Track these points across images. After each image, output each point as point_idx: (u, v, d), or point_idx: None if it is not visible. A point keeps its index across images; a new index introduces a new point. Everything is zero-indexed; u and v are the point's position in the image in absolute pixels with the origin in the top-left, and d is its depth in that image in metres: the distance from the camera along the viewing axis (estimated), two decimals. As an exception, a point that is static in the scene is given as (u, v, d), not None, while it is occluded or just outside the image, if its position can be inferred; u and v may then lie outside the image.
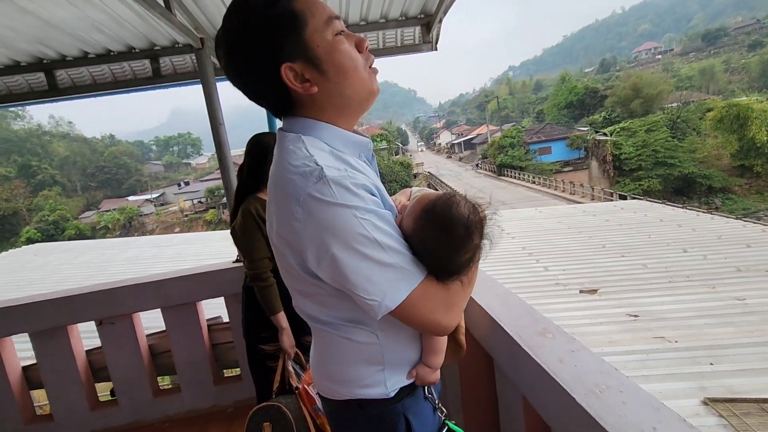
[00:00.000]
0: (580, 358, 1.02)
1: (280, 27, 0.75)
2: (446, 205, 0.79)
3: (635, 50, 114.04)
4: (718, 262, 4.67)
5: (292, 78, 0.77)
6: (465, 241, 0.78)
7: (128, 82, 3.11)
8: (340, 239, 0.71)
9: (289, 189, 0.74)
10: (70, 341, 2.49)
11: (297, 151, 0.77)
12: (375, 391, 0.86)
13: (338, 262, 0.72)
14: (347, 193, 0.72)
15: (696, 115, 34.15)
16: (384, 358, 0.86)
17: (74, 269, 7.57)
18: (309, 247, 0.74)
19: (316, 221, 0.71)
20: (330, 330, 0.86)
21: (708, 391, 2.38)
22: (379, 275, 0.73)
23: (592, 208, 9.27)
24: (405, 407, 0.89)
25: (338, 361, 0.87)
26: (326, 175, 0.71)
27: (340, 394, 0.89)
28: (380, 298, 0.73)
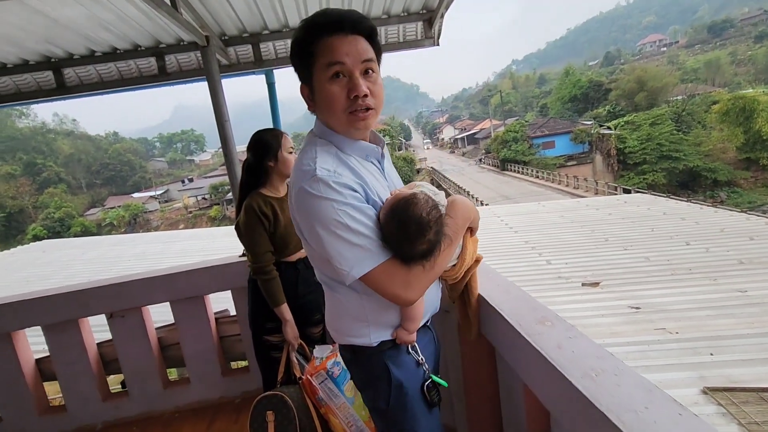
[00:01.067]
0: (577, 344, 1.06)
1: (301, 56, 1.02)
2: (405, 205, 0.99)
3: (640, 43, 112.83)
4: (720, 255, 4.68)
5: (305, 95, 1.06)
6: (417, 236, 0.98)
7: (134, 79, 3.15)
8: (321, 222, 0.96)
9: (294, 180, 1.01)
10: (82, 334, 2.55)
11: (309, 152, 1.02)
12: (362, 341, 1.11)
13: (320, 238, 0.97)
14: (329, 189, 0.95)
15: (701, 107, 33.86)
16: (367, 316, 1.09)
17: (83, 265, 7.67)
18: (303, 225, 1.02)
19: (305, 208, 0.98)
20: (329, 290, 1.13)
21: (707, 381, 2.41)
22: (349, 252, 0.96)
23: (595, 202, 9.26)
24: (387, 357, 1.12)
25: (336, 315, 1.15)
26: (316, 174, 0.96)
27: (340, 340, 1.16)
28: (348, 269, 0.97)
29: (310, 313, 2.10)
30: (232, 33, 2.97)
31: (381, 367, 1.12)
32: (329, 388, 1.76)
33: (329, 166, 0.98)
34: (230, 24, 2.81)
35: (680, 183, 30.21)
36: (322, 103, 1.02)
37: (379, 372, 1.12)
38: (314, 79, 1.01)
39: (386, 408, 1.13)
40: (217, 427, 2.47)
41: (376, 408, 1.17)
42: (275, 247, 1.91)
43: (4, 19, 2.18)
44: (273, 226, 1.88)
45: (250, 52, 3.16)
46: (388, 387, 1.12)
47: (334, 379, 1.77)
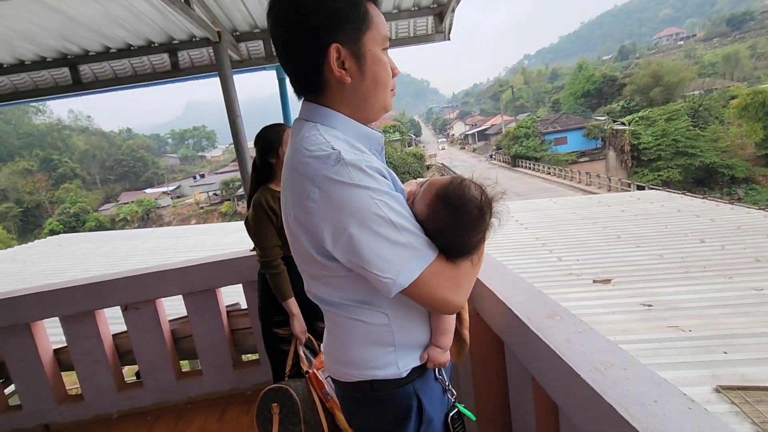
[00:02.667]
0: (587, 338, 1.06)
1: (350, 14, 0.81)
2: (459, 188, 0.83)
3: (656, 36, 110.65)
4: (736, 253, 4.59)
5: (334, 59, 0.81)
6: (478, 221, 0.83)
7: (148, 75, 3.20)
8: (356, 218, 0.74)
9: (304, 171, 0.77)
10: (98, 325, 2.61)
11: (313, 138, 0.81)
12: (387, 372, 0.88)
13: (354, 241, 0.74)
14: (363, 174, 0.75)
15: (719, 102, 33.09)
16: (395, 338, 0.88)
17: (98, 259, 7.83)
18: (325, 227, 0.77)
19: (332, 201, 0.75)
20: (341, 313, 0.89)
21: (721, 379, 2.38)
22: (393, 254, 0.75)
23: (607, 199, 9.14)
24: (416, 388, 0.91)
25: (350, 344, 0.90)
26: (344, 158, 0.75)
27: (351, 376, 0.91)
28: (394, 276, 0.76)
29: (318, 307, 2.12)
30: (243, 29, 2.99)
31: (409, 403, 0.91)
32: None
33: (349, 149, 0.80)
34: (241, 19, 2.84)
35: (696, 180, 29.61)
36: (370, 76, 0.84)
37: (406, 409, 0.91)
38: (364, 47, 0.82)
39: None
40: (229, 418, 2.52)
41: None
42: (283, 242, 1.94)
43: (22, 17, 2.23)
44: (281, 221, 1.90)
45: (261, 48, 3.19)
46: (417, 426, 0.92)
47: (340, 375, 1.78)
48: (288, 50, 0.83)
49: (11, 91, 3.19)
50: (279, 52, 0.86)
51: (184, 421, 2.54)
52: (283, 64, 0.87)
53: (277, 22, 0.82)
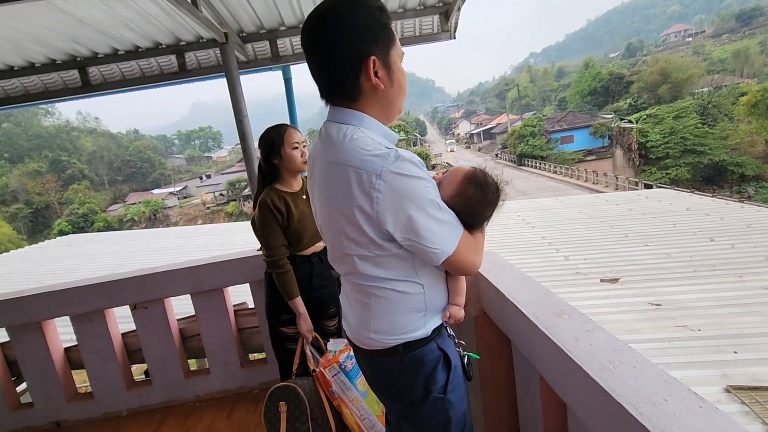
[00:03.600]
0: (595, 336, 1.05)
1: (382, 31, 0.98)
2: (481, 173, 1.09)
3: (664, 33, 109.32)
4: (746, 251, 4.53)
5: (375, 69, 0.98)
6: (497, 197, 1.09)
7: (155, 77, 3.23)
8: (414, 203, 0.93)
9: (369, 167, 0.92)
10: (108, 324, 2.64)
11: (365, 139, 0.97)
12: (417, 334, 1.07)
13: (413, 221, 0.94)
14: (416, 167, 0.94)
15: (728, 99, 32.68)
16: (426, 304, 1.08)
17: (107, 258, 7.91)
18: (388, 212, 0.94)
19: (396, 191, 0.92)
20: (386, 286, 1.05)
21: (731, 379, 2.35)
22: (440, 229, 0.97)
23: (614, 198, 9.07)
24: (438, 343, 1.11)
25: (389, 313, 1.06)
26: (401, 155, 0.93)
27: (384, 343, 1.08)
28: (442, 247, 0.97)
29: (324, 307, 2.13)
30: (249, 29, 3.01)
31: (436, 355, 1.10)
32: (342, 381, 1.78)
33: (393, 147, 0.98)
34: (248, 20, 2.85)
35: (705, 178, 29.29)
36: (396, 84, 1.03)
37: (435, 361, 1.10)
38: (391, 59, 1.01)
39: (442, 396, 1.10)
40: (237, 416, 2.54)
41: (425, 400, 1.10)
42: (289, 241, 1.95)
43: (31, 20, 2.26)
44: (287, 221, 1.91)
45: (268, 49, 3.20)
46: (446, 372, 1.11)
47: (347, 373, 1.79)
48: (327, 61, 0.98)
49: (21, 94, 3.23)
50: (315, 63, 1.00)
51: (192, 420, 2.57)
52: (318, 73, 1.01)
53: (317, 35, 0.96)
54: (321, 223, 1.11)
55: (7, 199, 55.65)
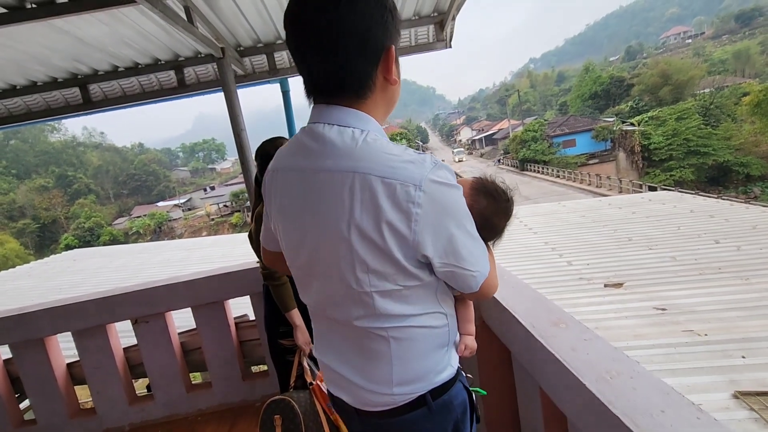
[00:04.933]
0: (593, 346, 1.04)
1: (395, 18, 0.81)
2: (491, 181, 1.00)
3: (663, 36, 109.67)
4: (752, 253, 4.48)
5: (395, 63, 0.82)
6: (510, 206, 0.99)
7: (155, 92, 3.27)
8: (456, 219, 0.78)
9: (402, 176, 0.73)
10: (109, 339, 2.64)
11: (385, 143, 0.79)
12: (446, 374, 0.90)
13: (454, 241, 0.78)
14: (452, 175, 0.79)
15: (731, 100, 32.58)
16: (449, 337, 0.92)
17: (111, 272, 7.94)
18: (427, 231, 0.75)
19: (438, 203, 0.75)
20: (408, 324, 0.84)
21: (739, 385, 2.31)
22: (477, 250, 0.82)
23: (617, 201, 9.02)
24: (461, 381, 0.95)
25: (417, 356, 0.86)
26: (438, 161, 0.77)
27: (410, 394, 0.87)
28: (480, 269, 0.83)
29: None
30: (246, 44, 3.04)
31: (463, 396, 0.93)
32: (338, 395, 1.76)
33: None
34: (245, 35, 2.89)
35: (710, 179, 29.11)
36: (400, 79, 0.87)
37: (463, 404, 0.93)
38: (397, 55, 0.84)
39: None
40: (239, 430, 2.52)
41: None
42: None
43: (33, 40, 2.30)
44: None
45: (265, 62, 3.24)
46: (472, 415, 0.96)
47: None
48: (342, 50, 0.76)
49: (24, 112, 3.28)
50: (323, 52, 0.77)
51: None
52: (324, 65, 0.78)
53: (332, 18, 0.74)
54: (313, 255, 0.85)
55: (15, 214, 56.20)
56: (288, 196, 0.86)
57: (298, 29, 0.78)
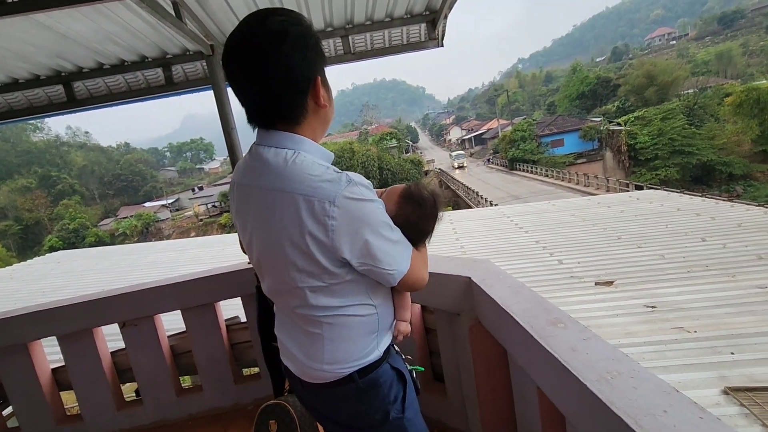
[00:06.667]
0: (592, 346, 1.03)
1: (320, 48, 0.96)
2: (417, 188, 1.09)
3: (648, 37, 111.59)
4: (738, 251, 4.57)
5: (323, 89, 0.97)
6: (436, 211, 1.09)
7: (142, 90, 3.20)
8: (370, 227, 0.91)
9: (321, 194, 0.88)
10: (96, 343, 2.57)
11: (310, 164, 0.92)
12: (372, 356, 1.04)
13: (369, 246, 0.92)
14: (367, 190, 0.93)
15: (714, 100, 33.28)
16: (378, 325, 1.06)
17: (97, 275, 7.78)
18: (344, 239, 0.90)
19: (351, 216, 0.89)
20: (341, 313, 1.01)
21: (729, 381, 2.34)
22: (395, 250, 0.97)
23: (606, 200, 9.13)
24: (390, 362, 1.09)
25: (345, 340, 1.02)
26: (353, 179, 0.91)
27: (339, 372, 1.03)
28: (397, 267, 0.97)
29: None
30: (236, 41, 2.99)
31: (390, 375, 1.07)
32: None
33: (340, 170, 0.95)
34: (234, 32, 2.84)
35: (694, 178, 29.69)
36: (332, 102, 1.03)
37: (390, 381, 1.07)
38: (324, 76, 0.99)
39: (401, 416, 1.07)
40: (231, 435, 2.47)
41: (385, 423, 1.07)
42: None
43: (14, 36, 2.23)
44: None
45: (255, 60, 3.19)
46: (403, 390, 1.09)
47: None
48: (274, 82, 0.90)
49: (6, 110, 3.19)
50: (257, 84, 0.91)
51: (185, 439, 2.50)
52: (259, 95, 0.93)
53: (266, 55, 0.88)
54: (260, 257, 1.03)
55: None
56: (240, 208, 1.04)
57: (232, 68, 0.91)
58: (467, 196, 28.09)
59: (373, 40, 3.26)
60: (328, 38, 2.97)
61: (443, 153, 68.96)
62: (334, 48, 3.22)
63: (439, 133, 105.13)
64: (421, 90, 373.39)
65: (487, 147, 55.98)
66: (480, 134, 64.25)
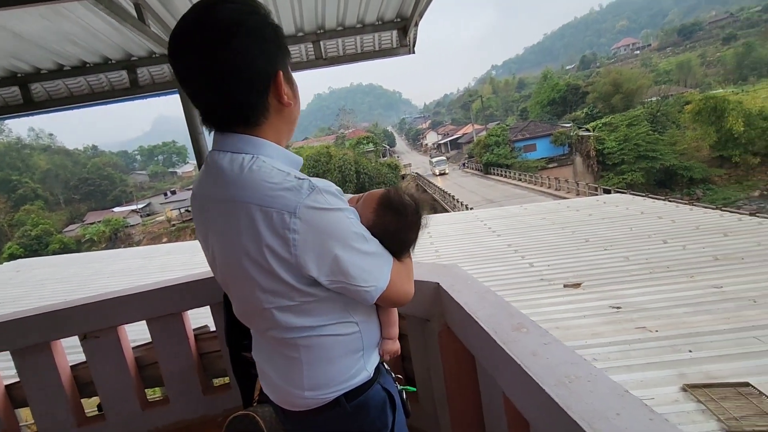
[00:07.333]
0: (552, 350, 1.05)
1: (282, 41, 0.85)
2: (397, 195, 0.97)
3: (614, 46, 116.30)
4: (696, 252, 4.80)
5: (286, 85, 0.85)
6: (417, 219, 0.97)
7: (105, 93, 3.09)
8: (339, 240, 0.80)
9: (278, 204, 0.77)
10: (55, 357, 2.45)
11: (268, 170, 0.81)
12: (359, 378, 0.93)
13: (340, 262, 0.80)
14: (335, 198, 0.81)
15: (675, 108, 34.94)
16: (363, 343, 0.94)
17: (58, 284, 7.43)
18: (309, 255, 0.79)
19: (316, 228, 0.78)
20: (316, 334, 0.89)
21: (687, 378, 2.44)
22: (371, 264, 0.85)
23: (575, 203, 9.42)
24: (381, 383, 0.98)
25: (323, 364, 0.91)
26: (317, 186, 0.79)
27: (323, 398, 0.91)
28: (375, 283, 0.85)
29: None
30: (205, 44, 2.93)
31: (381, 396, 0.97)
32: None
33: (305, 176, 0.83)
34: (203, 35, 2.78)
35: (658, 182, 31.01)
36: (298, 100, 0.91)
37: (381, 405, 0.97)
38: (290, 72, 0.88)
39: None
40: (199, 448, 2.40)
41: None
42: None
43: (-36, 35, 2.11)
44: None
45: (225, 63, 3.13)
46: (392, 414, 0.99)
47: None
48: (229, 81, 0.79)
49: (-44, 112, 3.01)
50: (209, 83, 0.79)
51: (151, 455, 2.41)
52: (213, 96, 0.82)
53: (216, 51, 0.76)
54: (223, 276, 0.91)
55: (-50, 222, 51.73)
56: (199, 221, 0.92)
57: (180, 66, 0.81)
58: (444, 200, 28.40)
59: (345, 46, 3.26)
60: (299, 43, 2.95)
61: (420, 157, 69.57)
62: (305, 53, 3.20)
63: (415, 138, 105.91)
64: (397, 95, 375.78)
65: (462, 151, 56.84)
66: (455, 139, 65.17)
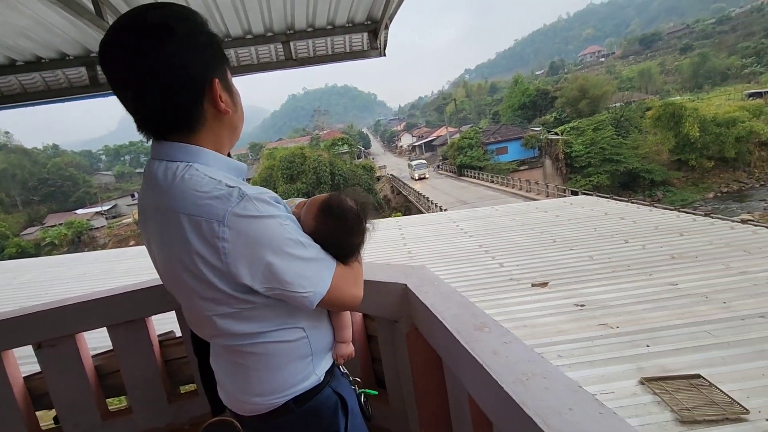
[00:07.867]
0: (512, 349, 1.08)
1: (219, 49, 0.86)
2: (338, 200, 0.96)
3: (581, 53, 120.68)
4: (654, 251, 5.05)
5: (221, 92, 0.84)
6: (358, 225, 0.96)
7: (63, 90, 2.95)
8: (271, 247, 0.79)
9: (208, 213, 0.77)
10: (6, 369, 2.32)
11: (199, 178, 0.80)
12: (308, 383, 0.95)
13: (274, 269, 0.80)
14: (267, 205, 0.81)
15: (637, 114, 36.55)
16: (311, 348, 0.95)
17: (13, 290, 7.02)
18: (241, 263, 0.79)
19: (245, 236, 0.78)
20: (260, 341, 0.90)
21: (645, 372, 2.57)
22: (308, 269, 0.85)
23: (544, 205, 9.71)
24: (333, 387, 0.99)
25: (270, 370, 0.92)
26: (247, 193, 0.79)
27: (272, 403, 0.93)
28: (313, 289, 0.85)
29: None
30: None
31: (333, 401, 0.98)
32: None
33: (239, 183, 0.83)
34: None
35: (622, 184, 32.34)
36: (239, 107, 0.91)
37: (333, 408, 0.98)
38: (230, 80, 0.89)
39: None
40: (163, 458, 2.32)
41: None
42: None
43: None
44: None
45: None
46: (345, 419, 1.00)
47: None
48: (160, 88, 0.78)
49: None
50: (140, 90, 0.79)
51: (111, 467, 2.31)
52: (145, 103, 0.81)
53: (146, 56, 0.75)
54: (167, 285, 0.93)
55: None
56: (143, 230, 0.93)
57: (111, 70, 0.79)
58: (418, 202, 28.62)
59: (315, 47, 3.24)
60: (268, 43, 2.91)
61: (395, 159, 69.99)
62: (275, 53, 3.16)
63: (390, 140, 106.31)
64: (372, 96, 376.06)
65: (436, 153, 57.49)
66: (430, 141, 65.85)
